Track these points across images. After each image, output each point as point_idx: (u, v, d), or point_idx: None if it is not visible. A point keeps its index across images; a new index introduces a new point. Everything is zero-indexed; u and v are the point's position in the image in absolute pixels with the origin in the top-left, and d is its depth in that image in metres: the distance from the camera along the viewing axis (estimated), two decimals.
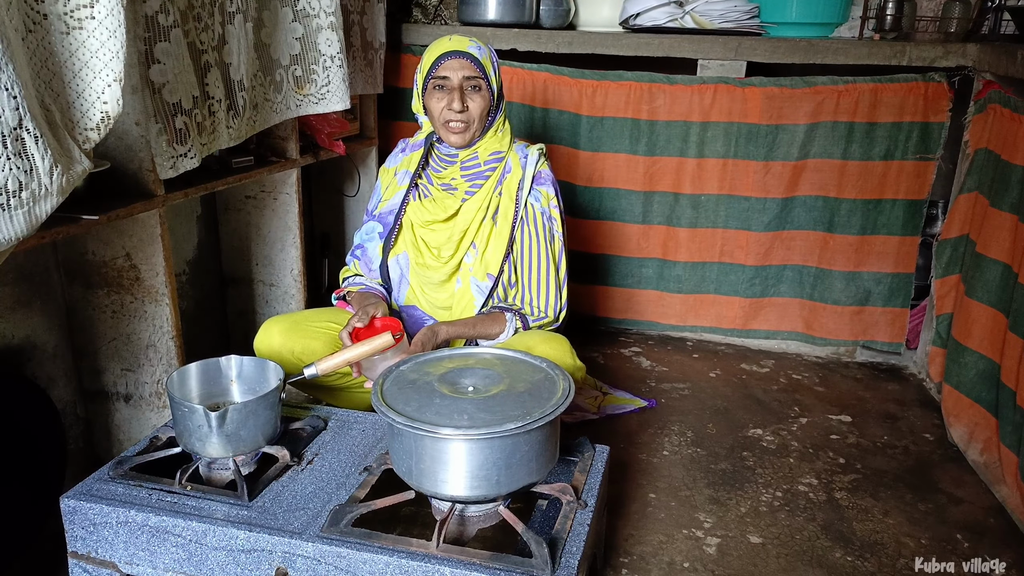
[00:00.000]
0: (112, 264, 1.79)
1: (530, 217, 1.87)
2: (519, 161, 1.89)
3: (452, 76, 1.77)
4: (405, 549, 1.22)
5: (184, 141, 1.70)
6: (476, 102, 1.79)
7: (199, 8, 1.71)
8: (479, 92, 1.79)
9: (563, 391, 1.34)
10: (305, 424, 1.59)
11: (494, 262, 1.85)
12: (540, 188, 1.88)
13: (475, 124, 1.81)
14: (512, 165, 1.88)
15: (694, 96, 2.65)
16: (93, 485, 1.38)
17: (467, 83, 1.78)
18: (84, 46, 1.25)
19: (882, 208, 2.66)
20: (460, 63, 1.77)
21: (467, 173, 1.88)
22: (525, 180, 1.87)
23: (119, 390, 1.90)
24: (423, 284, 1.90)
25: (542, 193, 1.88)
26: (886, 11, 2.61)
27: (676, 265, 2.88)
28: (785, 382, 2.64)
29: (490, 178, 1.88)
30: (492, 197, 1.87)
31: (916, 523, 1.86)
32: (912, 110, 2.54)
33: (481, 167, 1.88)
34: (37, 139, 1.14)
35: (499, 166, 1.88)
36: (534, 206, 1.87)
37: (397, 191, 1.94)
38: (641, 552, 1.72)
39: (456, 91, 1.77)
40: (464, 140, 1.82)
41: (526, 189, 1.87)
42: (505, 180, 1.88)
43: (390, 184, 1.97)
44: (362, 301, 1.80)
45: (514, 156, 1.89)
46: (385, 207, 1.95)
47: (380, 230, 1.94)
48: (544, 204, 1.88)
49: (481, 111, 1.80)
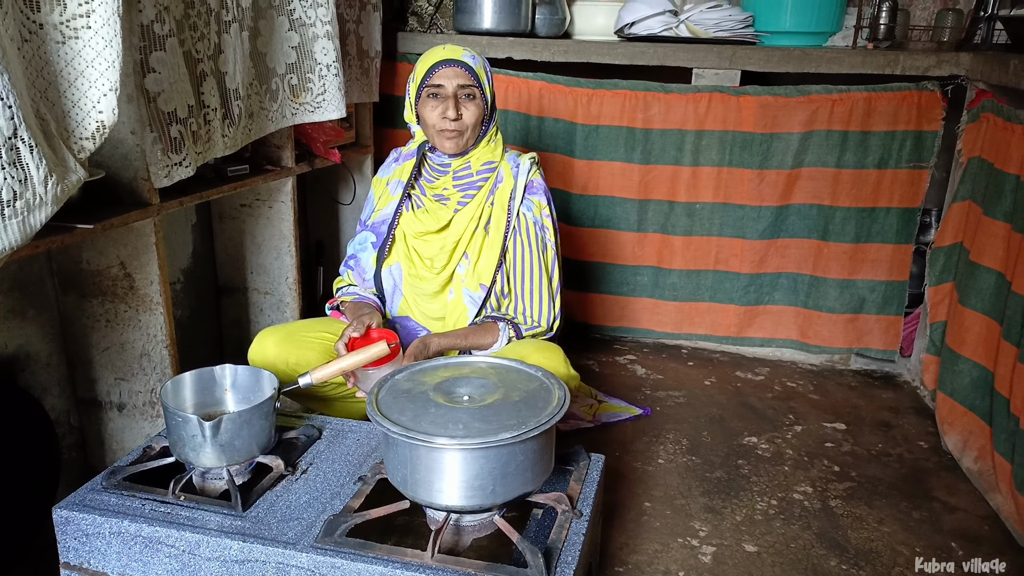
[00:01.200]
0: (107, 273, 1.79)
1: (522, 227, 1.87)
2: (511, 171, 1.89)
3: (447, 84, 1.78)
4: (400, 559, 1.21)
5: (179, 150, 1.70)
6: (471, 110, 1.79)
7: (195, 17, 1.71)
8: (473, 101, 1.80)
9: (558, 400, 1.34)
10: (300, 434, 1.59)
11: (487, 272, 1.85)
12: (532, 197, 1.89)
13: (469, 132, 1.81)
14: (504, 175, 1.89)
15: (689, 105, 2.66)
16: (86, 495, 1.37)
17: (462, 91, 1.78)
18: (80, 56, 1.25)
19: (876, 216, 2.67)
20: (455, 71, 1.78)
21: (460, 183, 1.89)
22: (517, 190, 1.87)
23: (113, 399, 1.90)
24: (416, 295, 1.90)
25: (534, 202, 1.88)
26: (879, 20, 2.62)
27: (671, 273, 2.88)
28: (780, 390, 2.64)
29: (482, 188, 1.88)
30: (484, 207, 1.87)
31: (911, 531, 1.86)
32: (906, 119, 2.55)
33: (473, 177, 1.88)
34: (32, 149, 1.14)
35: (491, 176, 1.89)
36: (526, 215, 1.87)
37: (390, 201, 1.93)
38: (636, 561, 1.72)
39: (451, 99, 1.77)
40: (458, 147, 1.83)
41: (518, 199, 1.87)
42: (497, 190, 1.88)
43: (382, 194, 1.97)
44: (356, 311, 1.80)
45: (506, 166, 1.90)
46: (378, 217, 1.95)
47: (373, 240, 1.94)
48: (536, 213, 1.88)
49: (475, 119, 1.81)
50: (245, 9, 1.88)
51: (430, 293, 1.88)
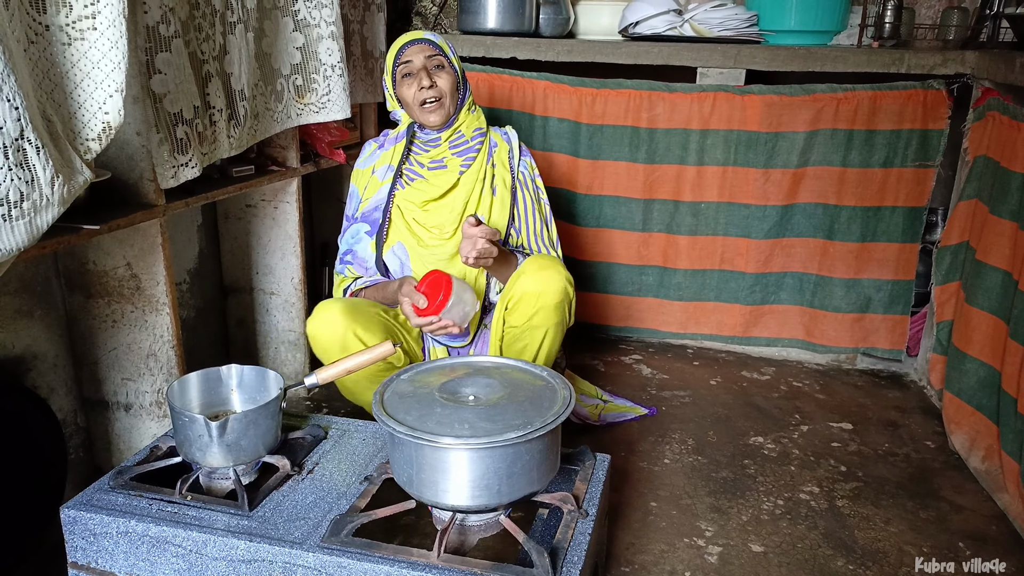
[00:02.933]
0: (113, 274, 1.79)
1: (524, 183, 2.03)
2: (502, 137, 2.06)
3: (415, 59, 1.89)
4: (406, 559, 1.22)
5: (185, 151, 1.70)
6: (443, 78, 1.90)
7: (200, 18, 1.72)
8: (443, 70, 1.91)
9: (563, 400, 1.34)
10: (305, 433, 1.59)
11: (500, 228, 1.95)
12: (525, 159, 2.06)
13: (447, 100, 1.90)
14: (496, 140, 2.04)
15: (693, 104, 2.65)
16: (93, 495, 1.37)
17: (430, 62, 1.90)
18: (86, 57, 1.26)
19: (882, 215, 2.66)
20: (419, 47, 1.90)
21: (457, 150, 1.97)
22: (514, 150, 2.04)
23: (119, 399, 1.90)
24: (429, 266, 1.91)
25: (527, 163, 2.06)
26: (885, 19, 2.61)
27: (676, 273, 2.88)
28: (786, 389, 2.64)
29: (480, 151, 1.99)
30: (486, 168, 1.99)
31: (918, 531, 1.86)
32: (911, 117, 2.54)
33: (470, 142, 1.98)
34: (39, 150, 1.14)
35: (485, 140, 2.01)
36: (524, 173, 2.04)
37: (380, 186, 1.99)
38: (642, 561, 1.72)
39: (422, 71, 1.88)
40: (441, 117, 1.91)
41: (516, 158, 2.03)
42: (495, 153, 2.02)
43: (368, 183, 2.02)
44: (385, 288, 1.91)
45: (495, 134, 2.06)
46: (368, 206, 2.00)
47: (367, 229, 1.98)
48: (531, 172, 2.06)
49: (450, 86, 1.90)
50: (250, 10, 1.89)
51: (445, 258, 1.92)
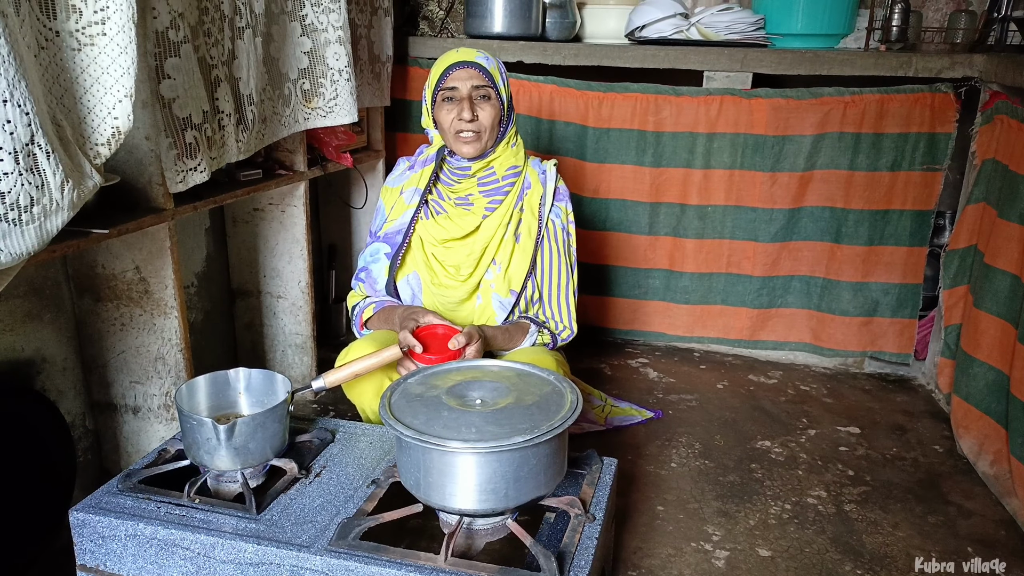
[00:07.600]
0: (122, 277, 1.80)
1: (552, 234, 1.87)
2: (538, 177, 1.89)
3: (461, 86, 1.77)
4: (413, 563, 1.22)
5: (194, 155, 1.71)
6: (486, 111, 1.78)
7: (209, 23, 1.73)
8: (489, 101, 1.78)
9: (571, 404, 1.34)
10: (313, 436, 1.59)
11: (517, 278, 1.84)
12: (559, 204, 1.90)
13: (487, 134, 1.79)
14: (531, 181, 1.89)
15: (700, 107, 2.65)
16: (102, 498, 1.38)
17: (476, 92, 1.77)
18: (95, 62, 1.27)
19: (889, 218, 2.65)
20: (468, 73, 1.77)
21: (485, 189, 1.87)
22: (547, 196, 1.88)
23: (128, 403, 1.91)
24: (440, 304, 1.87)
25: (562, 209, 1.90)
26: (892, 22, 2.61)
27: (683, 276, 2.88)
28: (793, 393, 2.63)
29: (509, 194, 1.86)
30: (513, 213, 1.85)
31: (926, 536, 1.85)
32: (919, 121, 2.54)
33: (500, 183, 1.87)
34: (49, 155, 1.15)
35: (518, 181, 1.87)
36: (555, 222, 1.88)
37: (406, 210, 1.90)
38: (650, 565, 1.71)
39: (465, 100, 1.76)
40: (476, 150, 1.80)
41: (548, 205, 1.88)
42: (526, 196, 1.88)
43: (395, 203, 1.93)
44: (391, 315, 1.81)
45: (532, 172, 1.90)
46: (392, 227, 1.91)
47: (387, 251, 1.90)
48: (564, 220, 1.90)
49: (492, 120, 1.79)
50: (258, 15, 1.89)
51: (456, 301, 1.85)
